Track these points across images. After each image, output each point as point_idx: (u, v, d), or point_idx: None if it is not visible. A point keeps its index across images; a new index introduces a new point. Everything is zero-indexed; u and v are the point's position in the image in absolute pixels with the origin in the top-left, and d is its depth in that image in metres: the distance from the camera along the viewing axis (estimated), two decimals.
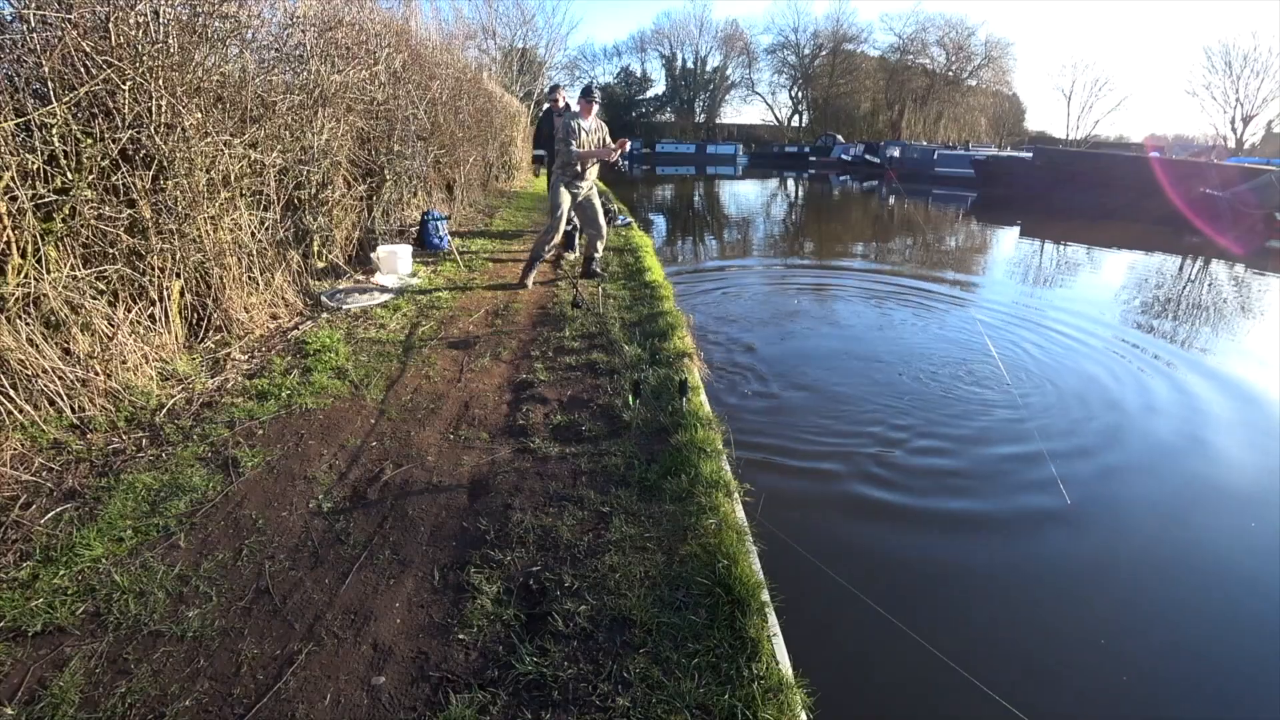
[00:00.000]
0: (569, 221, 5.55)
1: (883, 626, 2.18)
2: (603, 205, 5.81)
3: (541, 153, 7.22)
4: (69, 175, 2.91)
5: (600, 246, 5.82)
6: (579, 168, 5.31)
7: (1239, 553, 2.76)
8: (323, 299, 4.63)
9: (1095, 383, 4.50)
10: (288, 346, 3.76)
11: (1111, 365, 4.88)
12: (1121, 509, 3.05)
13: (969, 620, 2.35)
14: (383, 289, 5.00)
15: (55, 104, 2.81)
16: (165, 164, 3.36)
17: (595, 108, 5.36)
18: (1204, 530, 2.92)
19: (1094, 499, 3.10)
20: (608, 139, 5.50)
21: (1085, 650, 2.21)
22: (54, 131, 2.84)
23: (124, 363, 3.02)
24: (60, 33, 2.84)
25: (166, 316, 3.41)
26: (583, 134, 5.27)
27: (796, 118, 50.09)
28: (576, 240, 6.59)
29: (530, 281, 5.43)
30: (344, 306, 4.56)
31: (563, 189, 5.37)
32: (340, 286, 5.01)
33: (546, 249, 5.49)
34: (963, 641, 2.20)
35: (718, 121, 49.84)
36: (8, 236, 2.67)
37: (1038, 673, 2.14)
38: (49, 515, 2.14)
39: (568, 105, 6.59)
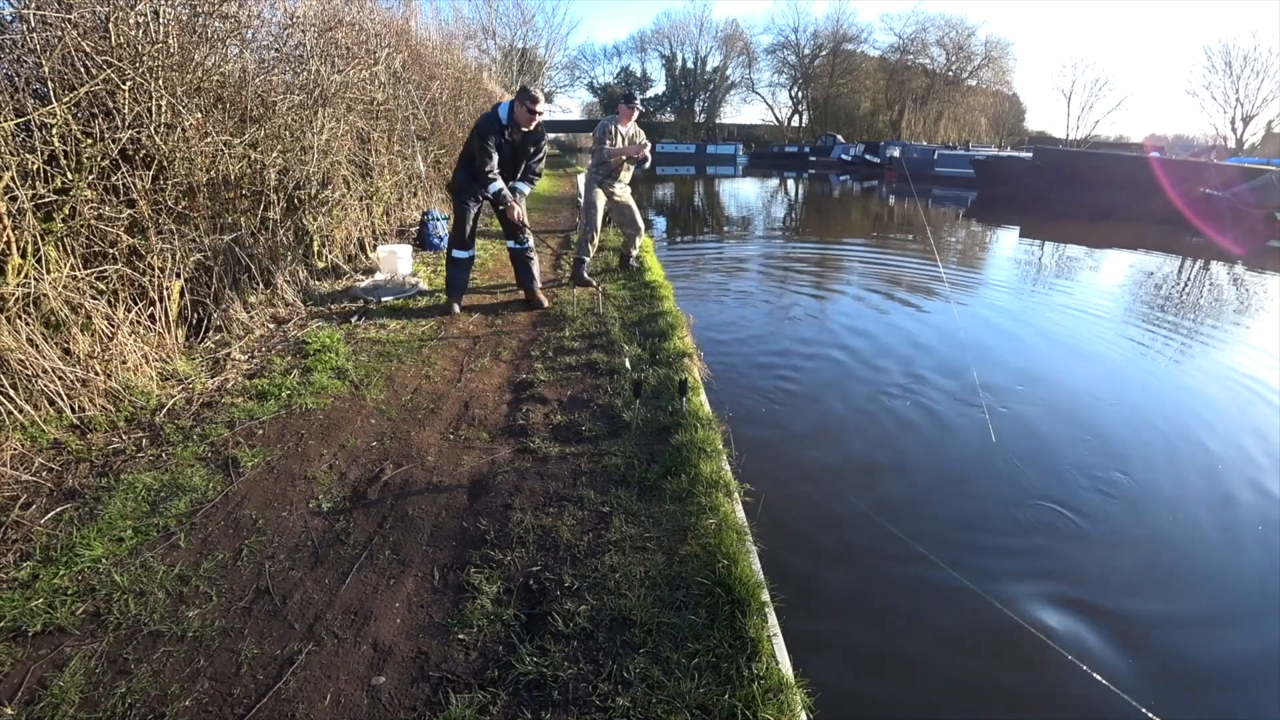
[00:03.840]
0: (597, 226, 5.45)
1: (883, 627, 2.18)
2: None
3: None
4: (69, 175, 2.92)
5: (639, 243, 5.89)
6: (611, 165, 5.33)
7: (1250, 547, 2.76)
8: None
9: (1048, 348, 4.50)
10: (288, 346, 3.76)
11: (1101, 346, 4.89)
12: (1129, 507, 3.05)
13: (970, 621, 2.35)
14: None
15: (55, 104, 2.82)
16: (165, 164, 3.36)
17: (635, 114, 5.35)
18: (1203, 517, 2.92)
19: (1102, 499, 3.10)
20: (643, 143, 5.49)
21: (1090, 653, 2.21)
22: (54, 131, 2.84)
23: (124, 363, 3.02)
24: (60, 33, 2.85)
25: (166, 316, 3.41)
26: (619, 138, 5.30)
27: (796, 118, 50.14)
28: (585, 272, 5.72)
29: (586, 275, 5.42)
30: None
31: (597, 189, 5.38)
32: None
33: (590, 249, 5.46)
34: (964, 642, 2.20)
35: (718, 121, 49.85)
36: (8, 236, 2.67)
37: (1039, 674, 2.13)
38: (49, 515, 2.15)
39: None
